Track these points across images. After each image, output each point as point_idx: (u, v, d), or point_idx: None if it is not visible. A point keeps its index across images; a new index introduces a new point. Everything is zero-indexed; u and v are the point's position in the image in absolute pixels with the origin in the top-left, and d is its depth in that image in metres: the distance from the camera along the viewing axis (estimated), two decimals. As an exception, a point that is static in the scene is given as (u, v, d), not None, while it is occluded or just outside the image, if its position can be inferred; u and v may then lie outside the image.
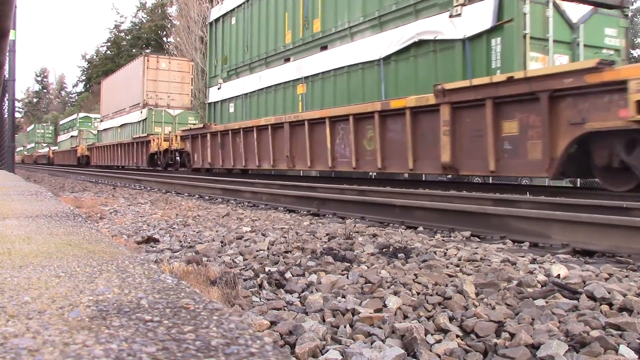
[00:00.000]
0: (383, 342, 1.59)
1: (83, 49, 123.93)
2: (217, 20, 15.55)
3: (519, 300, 2.00)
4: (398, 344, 1.57)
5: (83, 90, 59.47)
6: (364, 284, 2.24)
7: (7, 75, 12.42)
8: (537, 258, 2.95)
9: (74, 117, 38.43)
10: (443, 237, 3.92)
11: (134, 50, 50.21)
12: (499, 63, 7.09)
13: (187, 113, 21.83)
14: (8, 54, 9.22)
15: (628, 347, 1.52)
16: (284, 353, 0.73)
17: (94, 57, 57.01)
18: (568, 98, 5.50)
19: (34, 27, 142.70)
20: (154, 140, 18.18)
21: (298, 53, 11.59)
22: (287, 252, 3.06)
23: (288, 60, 11.93)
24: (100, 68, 52.42)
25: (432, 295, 2.06)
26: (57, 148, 41.78)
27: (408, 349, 1.55)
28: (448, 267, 2.63)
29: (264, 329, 1.68)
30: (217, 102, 15.37)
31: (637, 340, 1.56)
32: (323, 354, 1.50)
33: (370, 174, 14.59)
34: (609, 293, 2.01)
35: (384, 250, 3.08)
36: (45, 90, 75.79)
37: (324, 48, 10.75)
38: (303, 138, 9.49)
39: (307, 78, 11.07)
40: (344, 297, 2.05)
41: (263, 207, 6.60)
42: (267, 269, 2.53)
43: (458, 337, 1.66)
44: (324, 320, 1.79)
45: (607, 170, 5.76)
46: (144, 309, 0.90)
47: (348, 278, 2.35)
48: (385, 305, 1.93)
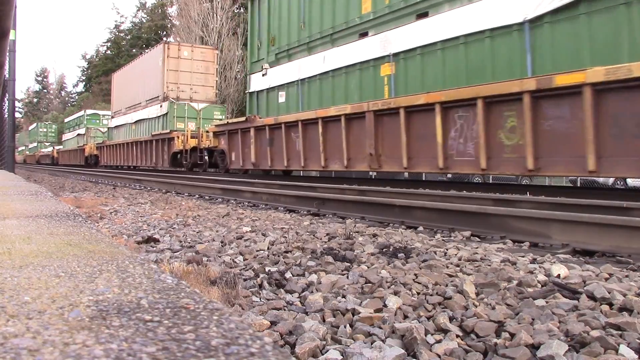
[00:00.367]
0: (383, 342, 1.59)
1: (83, 49, 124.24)
2: (260, -5, 13.02)
3: (519, 300, 2.00)
4: (398, 344, 1.57)
5: (83, 90, 59.48)
6: (364, 284, 2.24)
7: (7, 75, 12.42)
8: (537, 258, 2.95)
9: (81, 114, 35.65)
10: (443, 237, 3.92)
11: (134, 50, 50.22)
12: None
13: (212, 107, 19.50)
14: (8, 54, 9.22)
15: (628, 347, 1.52)
16: (284, 353, 0.73)
17: (94, 57, 57.05)
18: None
19: (34, 27, 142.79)
20: (178, 138, 16.24)
21: (381, 25, 9.25)
22: (287, 252, 3.06)
23: (365, 35, 9.65)
24: (100, 68, 52.47)
25: (432, 295, 2.06)
26: (61, 147, 39.82)
27: (408, 349, 1.55)
28: (448, 267, 2.63)
29: (264, 329, 1.68)
30: (261, 91, 12.94)
31: (637, 340, 1.56)
32: (323, 354, 1.50)
33: (371, 174, 14.49)
34: (609, 293, 2.01)
35: (384, 250, 3.08)
36: (45, 90, 75.83)
37: (423, 15, 8.47)
38: (395, 130, 7.38)
39: (396, 55, 8.77)
40: (344, 297, 2.05)
41: (263, 207, 6.60)
42: (267, 269, 2.53)
43: (458, 337, 1.66)
44: (324, 320, 1.79)
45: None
46: (144, 309, 0.90)
47: (348, 278, 2.35)
48: (386, 305, 1.93)
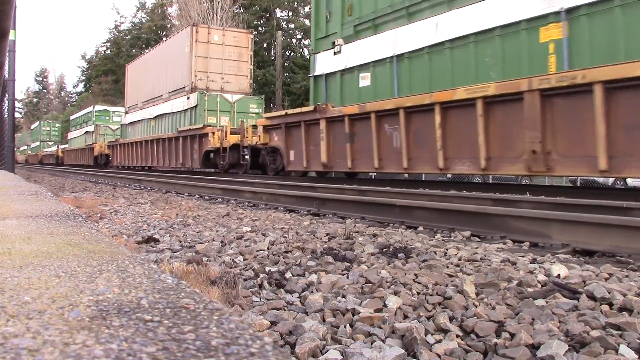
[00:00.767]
0: (383, 342, 1.59)
1: (83, 49, 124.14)
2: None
3: (519, 300, 2.00)
4: (398, 344, 1.57)
5: (83, 90, 59.46)
6: (364, 284, 2.24)
7: (7, 75, 12.42)
8: (537, 258, 2.95)
9: (89, 110, 32.75)
10: (443, 237, 3.92)
11: (134, 50, 50.21)
12: None
13: (248, 99, 17.12)
14: (8, 54, 9.23)
15: (628, 347, 1.52)
16: (284, 353, 0.73)
17: (94, 57, 57.02)
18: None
19: (34, 27, 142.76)
20: (214, 134, 13.93)
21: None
22: (287, 252, 3.06)
23: None
24: (100, 68, 52.41)
25: (432, 295, 2.06)
26: (67, 146, 37.14)
27: (408, 349, 1.55)
28: (448, 267, 2.63)
29: (264, 329, 1.68)
30: (331, 73, 10.00)
31: (637, 340, 1.56)
32: (323, 354, 1.50)
33: (371, 175, 14.51)
34: (609, 293, 2.01)
35: (384, 250, 3.08)
36: (45, 90, 75.84)
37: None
38: (582, 116, 5.21)
39: (569, 12, 5.92)
40: (344, 297, 2.05)
41: (263, 207, 6.60)
42: (267, 269, 2.53)
43: (458, 337, 1.66)
44: (324, 320, 1.79)
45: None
46: (144, 309, 0.90)
47: (348, 278, 2.35)
48: (386, 305, 1.93)
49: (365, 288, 2.18)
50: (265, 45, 37.17)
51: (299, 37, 38.62)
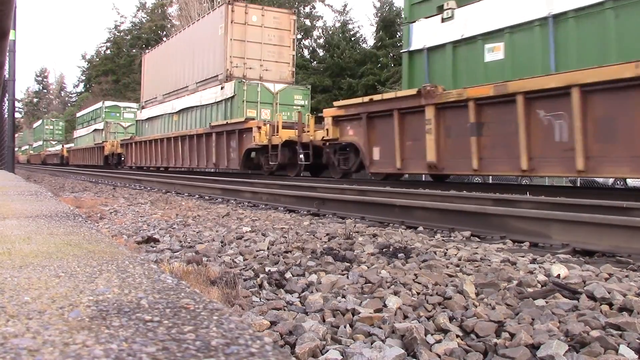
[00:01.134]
0: (383, 342, 1.59)
1: (83, 49, 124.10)
2: None
3: (519, 300, 2.00)
4: (398, 344, 1.57)
5: (83, 91, 59.46)
6: (364, 284, 2.24)
7: (7, 75, 12.42)
8: (537, 258, 2.95)
9: (98, 105, 30.19)
10: (443, 237, 3.92)
11: (134, 50, 50.23)
12: None
13: (292, 89, 14.82)
14: (8, 54, 9.22)
15: (628, 347, 1.52)
16: (284, 353, 0.73)
17: (94, 57, 57.02)
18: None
19: (34, 27, 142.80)
20: (260, 129, 12.03)
21: None
22: (287, 252, 3.06)
23: None
24: (100, 68, 52.42)
25: (432, 295, 2.06)
26: (72, 145, 34.99)
27: (408, 349, 1.55)
28: (448, 267, 2.63)
29: (264, 329, 1.67)
30: (436, 47, 7.83)
31: (637, 340, 1.56)
32: (323, 354, 1.50)
33: (370, 175, 14.54)
34: (609, 293, 2.01)
35: (384, 250, 3.08)
36: (45, 90, 75.84)
37: None
38: None
39: None
40: (344, 297, 2.05)
41: (263, 207, 6.60)
42: (267, 269, 2.53)
43: (458, 337, 1.66)
44: (324, 320, 1.79)
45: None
46: (144, 309, 0.90)
47: (348, 278, 2.35)
48: (385, 305, 1.93)
49: (365, 288, 2.18)
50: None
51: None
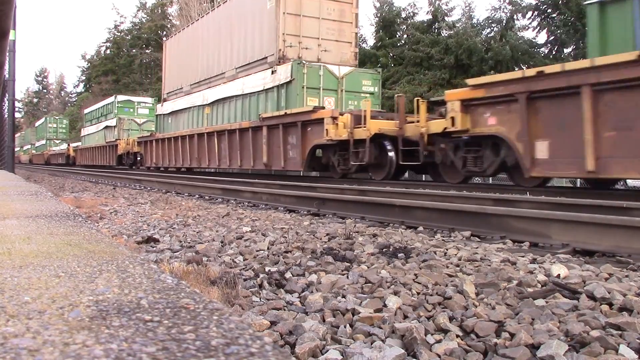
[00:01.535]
0: (383, 342, 1.59)
1: (83, 49, 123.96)
2: None
3: (519, 300, 2.00)
4: (398, 344, 1.57)
5: (83, 91, 59.46)
6: (364, 284, 2.24)
7: (7, 75, 12.42)
8: (537, 258, 2.95)
9: (110, 100, 27.57)
10: (443, 237, 3.92)
11: (134, 50, 50.24)
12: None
13: (360, 73, 12.31)
14: (8, 54, 9.22)
15: (628, 347, 1.52)
16: (284, 353, 0.73)
17: (94, 57, 57.01)
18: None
19: (34, 27, 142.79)
20: (336, 119, 9.51)
21: None
22: (287, 252, 3.06)
23: None
24: (100, 68, 52.41)
25: (432, 295, 2.06)
26: (80, 144, 32.41)
27: (408, 349, 1.55)
28: (448, 267, 2.63)
29: (264, 329, 1.68)
30: None
31: (637, 340, 1.56)
32: (323, 354, 1.50)
33: (370, 175, 14.45)
34: (609, 293, 2.01)
35: (384, 250, 3.08)
36: (45, 90, 75.86)
37: None
38: None
39: None
40: (344, 297, 2.05)
41: (263, 207, 6.60)
42: (267, 269, 2.53)
43: (458, 337, 1.66)
44: (324, 320, 1.79)
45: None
46: (144, 309, 0.90)
47: (348, 278, 2.35)
48: (385, 305, 1.93)
49: (365, 288, 2.18)
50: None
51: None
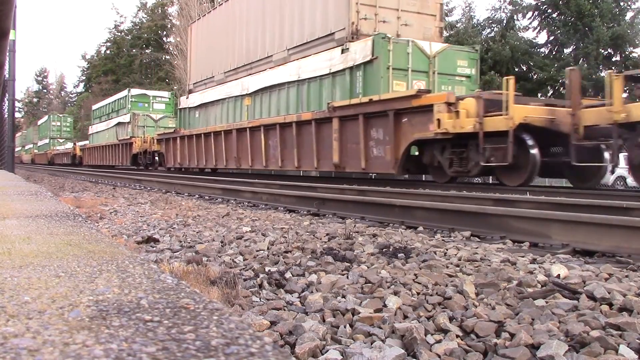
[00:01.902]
0: (383, 342, 1.59)
1: (83, 49, 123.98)
2: None
3: (519, 300, 2.00)
4: (398, 344, 1.57)
5: (83, 90, 59.47)
6: (364, 284, 2.24)
7: (7, 75, 12.42)
8: (537, 258, 2.95)
9: (124, 94, 25.25)
10: (443, 237, 3.92)
11: (134, 50, 50.24)
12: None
13: (455, 52, 10.11)
14: (8, 54, 9.22)
15: (628, 347, 1.52)
16: (284, 353, 0.73)
17: (94, 57, 57.02)
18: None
19: (34, 27, 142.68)
20: (453, 107, 7.21)
21: None
22: (287, 252, 3.06)
23: None
24: (100, 68, 52.44)
25: (432, 295, 2.06)
26: (87, 143, 30.46)
27: (408, 349, 1.55)
28: (448, 267, 2.63)
29: (264, 329, 1.67)
30: None
31: (637, 340, 1.56)
32: (323, 354, 1.50)
33: (371, 175, 14.44)
34: (609, 293, 2.01)
35: (384, 250, 3.08)
36: (45, 90, 75.85)
37: None
38: None
39: None
40: (344, 297, 2.05)
41: (263, 207, 6.60)
42: (267, 269, 2.53)
43: (458, 337, 1.66)
44: (324, 320, 1.79)
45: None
46: (144, 309, 0.90)
47: (348, 278, 2.35)
48: (385, 305, 1.93)
49: (365, 288, 2.18)
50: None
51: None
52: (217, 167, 13.56)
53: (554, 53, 23.80)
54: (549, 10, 23.81)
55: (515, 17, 24.33)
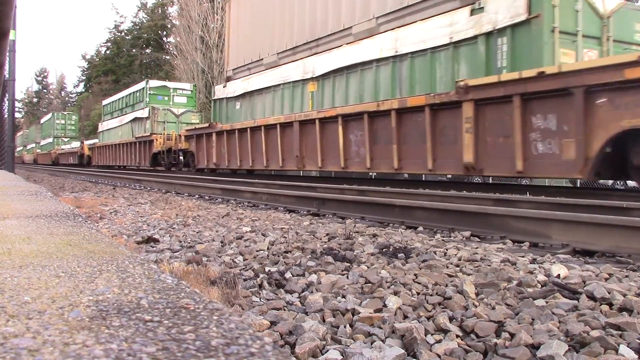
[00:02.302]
0: (383, 342, 1.59)
1: (83, 49, 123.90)
2: None
3: (519, 300, 2.00)
4: (398, 344, 1.57)
5: (83, 90, 59.50)
6: (364, 284, 2.24)
7: (7, 75, 12.43)
8: (537, 258, 2.95)
9: (141, 86, 22.17)
10: (443, 237, 3.92)
11: (134, 50, 50.24)
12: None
13: (632, 11, 7.62)
14: (8, 54, 9.23)
15: (628, 347, 1.52)
16: (284, 353, 0.73)
17: (94, 57, 57.04)
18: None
19: (34, 27, 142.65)
20: None
21: None
22: (287, 252, 3.06)
23: None
24: (101, 68, 52.45)
25: (432, 295, 2.06)
26: (97, 141, 28.17)
27: (408, 349, 1.55)
28: (448, 267, 2.63)
29: (264, 329, 1.67)
30: None
31: (637, 340, 1.56)
32: (323, 354, 1.50)
33: (371, 175, 14.40)
34: (609, 293, 2.01)
35: (384, 250, 3.08)
36: (45, 90, 75.86)
37: None
38: None
39: None
40: (344, 297, 2.05)
41: (263, 207, 6.60)
42: (267, 269, 2.53)
43: (458, 337, 1.66)
44: (324, 320, 1.79)
45: None
46: (144, 309, 0.90)
47: (348, 278, 2.35)
48: (385, 305, 1.93)
49: (365, 288, 2.18)
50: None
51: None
52: (268, 167, 11.22)
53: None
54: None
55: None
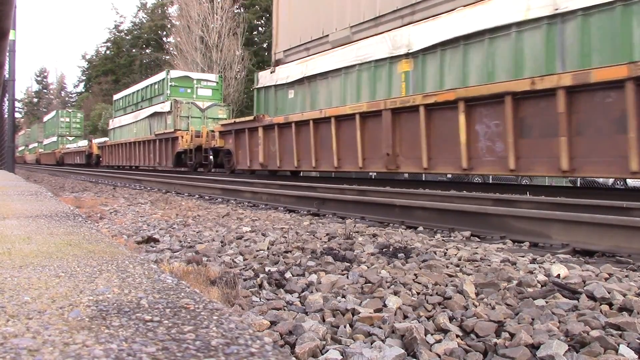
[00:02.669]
0: (383, 342, 1.59)
1: (83, 49, 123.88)
2: None
3: (519, 300, 2.00)
4: (398, 344, 1.57)
5: (83, 90, 59.50)
6: (364, 284, 2.24)
7: (7, 75, 12.43)
8: (537, 258, 2.95)
9: (161, 77, 19.07)
10: (443, 237, 3.92)
11: (134, 50, 50.26)
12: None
13: None
14: (8, 54, 9.24)
15: (628, 347, 1.52)
16: (284, 353, 0.73)
17: (94, 57, 57.05)
18: None
19: (34, 27, 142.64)
20: None
21: None
22: (287, 252, 3.06)
23: None
24: (100, 68, 52.46)
25: (432, 295, 2.06)
26: (108, 139, 25.28)
27: (408, 349, 1.55)
28: (448, 267, 2.63)
29: (264, 329, 1.67)
30: None
31: (637, 340, 1.56)
32: (323, 354, 1.50)
33: (371, 174, 14.37)
34: (609, 293, 2.02)
35: (384, 250, 3.08)
36: (45, 90, 75.86)
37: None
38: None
39: None
40: (344, 297, 2.05)
41: (263, 207, 6.60)
42: (267, 269, 2.53)
43: (458, 337, 1.66)
44: (324, 320, 1.79)
45: None
46: (144, 309, 0.90)
47: (348, 278, 2.35)
48: (385, 305, 1.93)
49: (365, 288, 2.18)
50: (266, 46, 37.08)
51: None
52: (340, 168, 8.69)
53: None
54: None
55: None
